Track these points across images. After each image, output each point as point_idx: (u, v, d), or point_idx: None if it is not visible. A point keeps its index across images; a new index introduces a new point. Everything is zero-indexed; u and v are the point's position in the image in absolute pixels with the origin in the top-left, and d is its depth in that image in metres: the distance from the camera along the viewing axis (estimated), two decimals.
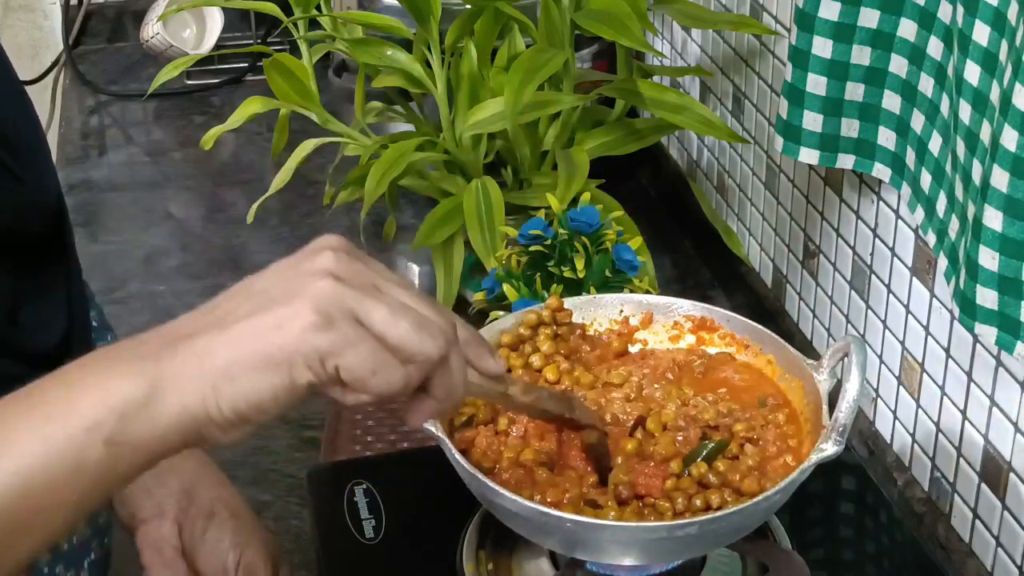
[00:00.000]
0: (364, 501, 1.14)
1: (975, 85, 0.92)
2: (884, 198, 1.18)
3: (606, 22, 1.33)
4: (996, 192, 0.87)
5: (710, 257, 1.58)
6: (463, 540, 1.07)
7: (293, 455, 1.26)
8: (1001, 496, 1.04)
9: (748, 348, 1.08)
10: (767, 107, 1.42)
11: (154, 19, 2.11)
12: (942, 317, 1.10)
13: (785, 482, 0.92)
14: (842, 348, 0.99)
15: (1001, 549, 1.05)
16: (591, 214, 1.28)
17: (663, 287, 1.43)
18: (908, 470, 1.19)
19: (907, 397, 1.18)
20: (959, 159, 0.96)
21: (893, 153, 1.11)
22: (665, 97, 1.40)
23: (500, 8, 1.38)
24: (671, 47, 1.72)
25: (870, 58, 1.08)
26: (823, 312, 1.34)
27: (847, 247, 1.26)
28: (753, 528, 0.97)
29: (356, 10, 1.79)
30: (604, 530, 0.91)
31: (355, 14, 1.63)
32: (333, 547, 1.10)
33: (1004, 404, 1.02)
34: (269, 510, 1.19)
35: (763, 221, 1.46)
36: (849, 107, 1.11)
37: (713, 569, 1.04)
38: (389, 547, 1.09)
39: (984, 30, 0.91)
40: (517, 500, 0.91)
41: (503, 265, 1.31)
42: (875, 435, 1.24)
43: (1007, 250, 0.88)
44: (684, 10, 1.44)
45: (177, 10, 1.95)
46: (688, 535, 0.90)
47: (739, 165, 1.52)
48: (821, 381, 1.01)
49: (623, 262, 1.28)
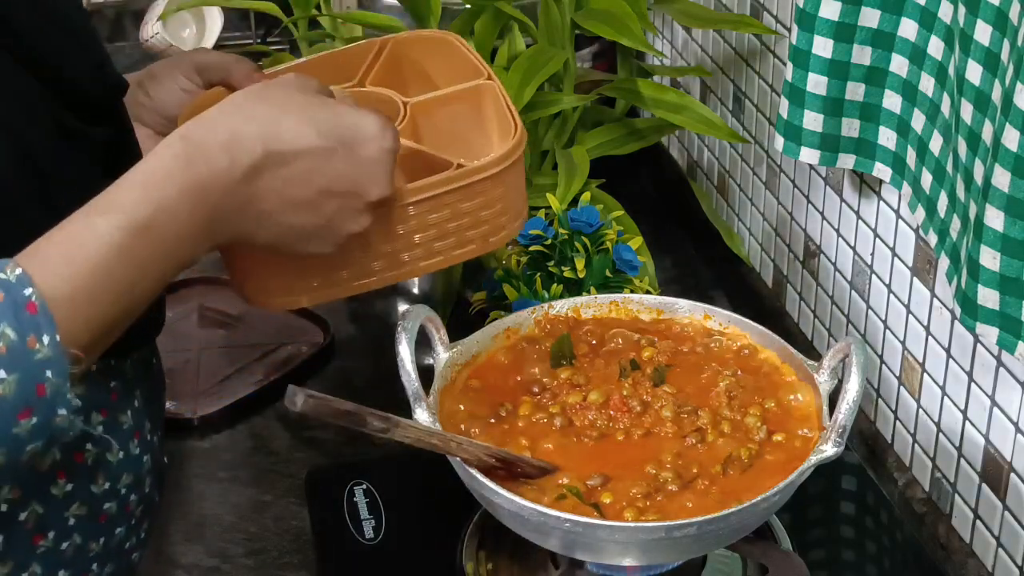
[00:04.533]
0: (364, 501, 1.14)
1: (977, 85, 0.92)
2: (885, 198, 1.18)
3: (606, 22, 1.33)
4: (997, 192, 0.87)
5: (710, 257, 1.58)
6: (463, 540, 1.07)
7: (293, 455, 1.26)
8: (1002, 496, 1.04)
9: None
10: (767, 107, 1.42)
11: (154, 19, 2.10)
12: (943, 317, 1.10)
13: (785, 483, 0.92)
14: (842, 349, 0.99)
15: (1002, 549, 1.05)
16: (591, 214, 1.28)
17: (663, 287, 1.43)
18: (909, 470, 1.19)
19: (908, 397, 1.18)
20: (960, 159, 0.96)
21: (894, 153, 1.11)
22: (665, 97, 1.40)
23: (500, 8, 1.38)
24: (671, 47, 1.72)
25: (871, 58, 1.08)
26: (823, 312, 1.34)
27: (848, 247, 1.26)
28: (753, 529, 0.97)
29: (356, 10, 1.79)
30: (603, 530, 0.91)
31: (355, 14, 1.63)
32: (333, 547, 1.10)
33: (1005, 404, 1.02)
34: (269, 510, 1.19)
35: (763, 221, 1.46)
36: (850, 107, 1.11)
37: (713, 569, 1.04)
38: (389, 547, 1.09)
39: (986, 30, 0.91)
40: (517, 500, 0.91)
41: (503, 265, 1.31)
42: (875, 435, 1.24)
43: (1008, 250, 0.88)
44: (684, 10, 1.44)
45: (177, 10, 1.95)
46: (687, 536, 0.90)
47: (739, 165, 1.52)
48: (822, 382, 1.01)
49: (623, 262, 1.28)
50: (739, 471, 0.96)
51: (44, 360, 0.71)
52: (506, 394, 1.04)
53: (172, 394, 1.12)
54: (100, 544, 0.87)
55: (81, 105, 0.84)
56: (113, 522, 0.87)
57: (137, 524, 0.91)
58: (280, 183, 0.83)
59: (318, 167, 0.84)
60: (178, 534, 1.17)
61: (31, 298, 0.72)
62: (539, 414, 1.02)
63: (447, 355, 1.05)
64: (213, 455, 1.27)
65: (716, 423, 1.00)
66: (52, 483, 0.82)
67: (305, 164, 0.84)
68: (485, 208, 0.97)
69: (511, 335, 1.10)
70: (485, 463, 0.94)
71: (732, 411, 1.02)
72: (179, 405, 1.30)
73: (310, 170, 0.84)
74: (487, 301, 1.32)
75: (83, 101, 0.85)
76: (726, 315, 1.11)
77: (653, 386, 1.04)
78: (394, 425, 0.89)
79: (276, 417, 1.31)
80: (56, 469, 0.82)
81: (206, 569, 1.14)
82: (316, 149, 0.84)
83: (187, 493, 1.22)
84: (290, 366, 1.37)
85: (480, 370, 1.07)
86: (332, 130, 0.85)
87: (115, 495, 0.87)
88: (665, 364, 1.07)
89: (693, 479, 0.96)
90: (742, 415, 1.01)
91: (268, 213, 0.84)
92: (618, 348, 1.09)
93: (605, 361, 1.07)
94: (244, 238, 0.85)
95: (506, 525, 0.97)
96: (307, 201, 0.85)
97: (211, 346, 1.41)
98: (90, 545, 0.86)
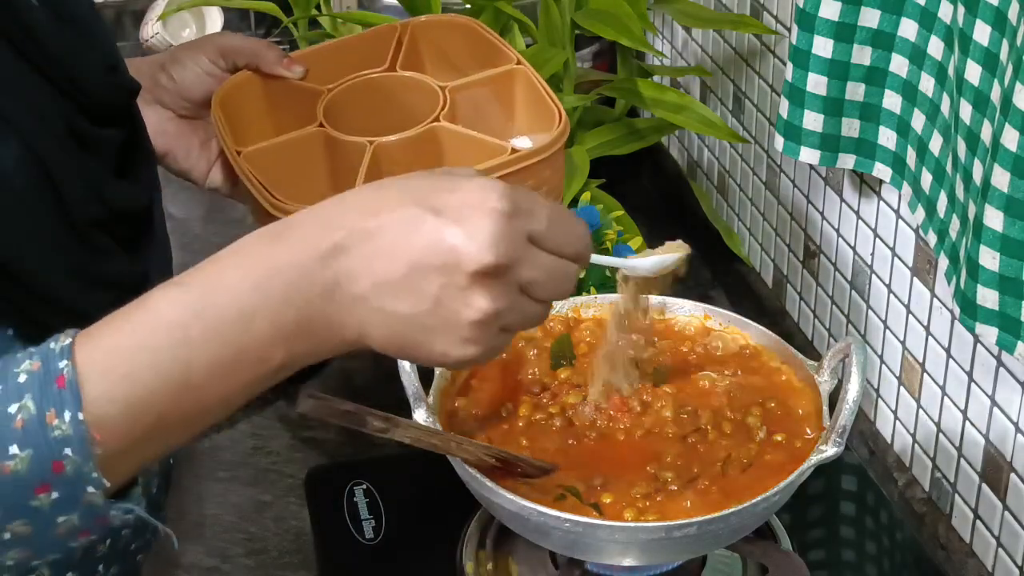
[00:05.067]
0: (364, 501, 1.14)
1: (976, 85, 0.92)
2: (885, 198, 1.18)
3: (606, 22, 1.33)
4: (997, 192, 0.87)
5: (710, 257, 1.58)
6: (463, 540, 1.07)
7: (293, 455, 1.26)
8: (1002, 496, 1.04)
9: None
10: (767, 107, 1.42)
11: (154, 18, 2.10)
12: (943, 317, 1.10)
13: (785, 483, 0.92)
14: (843, 349, 0.99)
15: (1002, 549, 1.05)
16: (591, 214, 1.28)
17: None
18: (909, 470, 1.19)
19: (908, 397, 1.18)
20: (960, 159, 0.95)
21: (894, 153, 1.11)
22: (665, 97, 1.40)
23: (500, 8, 1.38)
24: (671, 47, 1.72)
25: (871, 58, 1.08)
26: (823, 312, 1.34)
27: (847, 247, 1.26)
28: (753, 529, 0.97)
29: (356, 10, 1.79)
30: (603, 530, 0.91)
31: (354, 14, 1.63)
32: (333, 547, 1.10)
33: (1005, 404, 1.02)
34: (269, 510, 1.19)
35: (763, 221, 1.46)
36: (850, 107, 1.11)
37: (713, 570, 1.04)
38: (389, 547, 1.09)
39: (985, 30, 0.91)
40: (517, 500, 0.91)
41: None
42: (876, 435, 1.24)
43: (1008, 250, 0.88)
44: (684, 9, 1.44)
45: (177, 9, 1.95)
46: (687, 536, 0.90)
47: (739, 165, 1.52)
48: (822, 382, 1.01)
49: None
50: (739, 471, 0.96)
51: (62, 438, 0.67)
52: (506, 394, 1.04)
53: None
54: (107, 546, 0.86)
55: (93, 107, 0.83)
56: (119, 524, 0.87)
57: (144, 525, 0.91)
58: (366, 261, 0.71)
59: (405, 235, 0.71)
60: (178, 534, 1.17)
61: (63, 371, 0.67)
62: (539, 414, 1.02)
63: None
64: (213, 455, 1.27)
65: (716, 423, 1.00)
66: None
67: (391, 234, 0.71)
68: (536, 189, 1.00)
69: None
70: (485, 463, 0.94)
71: (732, 411, 1.02)
72: None
73: (396, 240, 0.71)
74: None
75: (95, 103, 0.83)
76: (726, 315, 1.11)
77: (653, 386, 1.04)
78: (394, 425, 0.89)
79: (276, 417, 1.31)
80: None
81: (206, 569, 1.14)
82: (403, 216, 0.71)
83: (187, 493, 1.22)
84: None
85: (480, 370, 1.07)
86: (425, 197, 0.72)
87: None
88: (665, 364, 1.07)
89: (693, 479, 0.95)
90: (742, 415, 1.01)
91: (362, 299, 0.71)
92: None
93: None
94: (352, 338, 0.73)
95: (506, 525, 0.97)
96: (401, 278, 0.71)
97: None
98: (97, 547, 0.85)
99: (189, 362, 0.69)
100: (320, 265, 0.71)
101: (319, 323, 0.71)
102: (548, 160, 1.05)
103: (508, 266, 0.72)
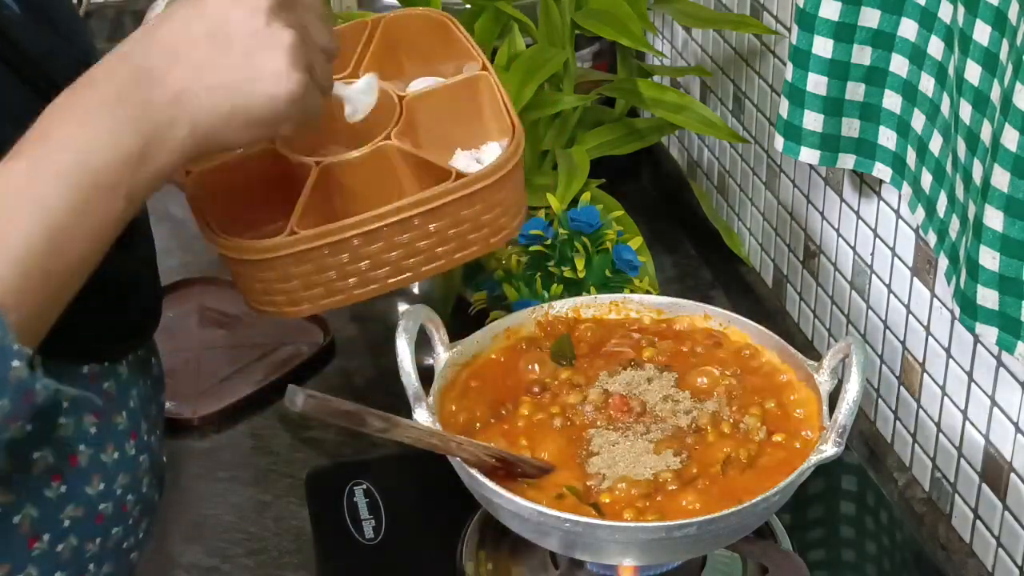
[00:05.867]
0: (364, 501, 1.14)
1: (976, 85, 0.92)
2: (884, 198, 1.18)
3: (606, 22, 1.33)
4: (997, 192, 0.87)
5: (710, 257, 1.58)
6: (463, 540, 1.07)
7: (293, 455, 1.26)
8: (1002, 496, 1.04)
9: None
10: (767, 107, 1.42)
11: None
12: (943, 317, 1.10)
13: (785, 483, 0.92)
14: (842, 349, 0.99)
15: (1002, 549, 1.05)
16: (591, 214, 1.28)
17: (663, 287, 1.43)
18: (909, 470, 1.19)
19: (908, 397, 1.18)
20: (960, 159, 0.96)
21: (894, 153, 1.11)
22: (665, 97, 1.40)
23: (500, 8, 1.38)
24: (671, 47, 1.72)
25: (871, 58, 1.08)
26: (823, 312, 1.34)
27: (847, 247, 1.26)
28: (752, 529, 0.97)
29: (356, 10, 1.79)
30: (603, 530, 0.91)
31: (354, 14, 1.63)
32: (333, 547, 1.10)
33: (1005, 404, 1.02)
34: (269, 510, 1.19)
35: (763, 221, 1.46)
36: (850, 107, 1.11)
37: (713, 570, 1.04)
38: (389, 547, 1.09)
39: (985, 30, 0.91)
40: (517, 500, 0.91)
41: (503, 265, 1.31)
42: (875, 435, 1.24)
43: (1008, 250, 0.88)
44: (684, 9, 1.44)
45: None
46: (687, 536, 0.90)
47: (739, 165, 1.52)
48: (822, 382, 1.01)
49: (623, 262, 1.28)
50: (739, 471, 0.96)
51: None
52: (506, 394, 1.04)
53: (172, 394, 1.12)
54: (97, 544, 0.86)
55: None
56: (110, 522, 0.87)
57: (135, 524, 0.90)
58: (170, 55, 0.79)
59: (194, 18, 0.80)
60: (178, 534, 1.17)
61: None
62: (539, 414, 1.02)
63: (447, 355, 1.05)
64: (213, 455, 1.27)
65: (716, 423, 1.00)
66: (46, 486, 0.82)
67: (179, 23, 0.81)
68: (486, 212, 0.97)
69: (511, 335, 1.10)
70: (485, 463, 0.94)
71: (732, 411, 1.02)
72: (179, 405, 1.30)
73: (188, 24, 0.80)
74: (487, 301, 1.32)
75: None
76: (726, 315, 1.11)
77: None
78: (394, 425, 0.89)
79: (276, 417, 1.31)
80: (50, 472, 0.82)
81: (206, 569, 1.14)
82: (183, 13, 0.81)
83: (187, 493, 1.22)
84: (290, 366, 1.37)
85: (480, 370, 1.07)
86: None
87: (111, 496, 0.87)
88: (665, 364, 1.07)
89: (693, 479, 0.95)
90: (742, 415, 1.01)
91: (182, 90, 0.78)
92: (618, 348, 1.09)
93: (605, 361, 1.07)
94: (185, 134, 0.78)
95: (506, 525, 0.97)
96: (207, 51, 0.79)
97: (211, 346, 1.41)
98: (87, 546, 0.85)
99: (47, 211, 0.72)
100: (133, 85, 0.77)
101: (150, 135, 0.76)
102: (497, 183, 0.97)
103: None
